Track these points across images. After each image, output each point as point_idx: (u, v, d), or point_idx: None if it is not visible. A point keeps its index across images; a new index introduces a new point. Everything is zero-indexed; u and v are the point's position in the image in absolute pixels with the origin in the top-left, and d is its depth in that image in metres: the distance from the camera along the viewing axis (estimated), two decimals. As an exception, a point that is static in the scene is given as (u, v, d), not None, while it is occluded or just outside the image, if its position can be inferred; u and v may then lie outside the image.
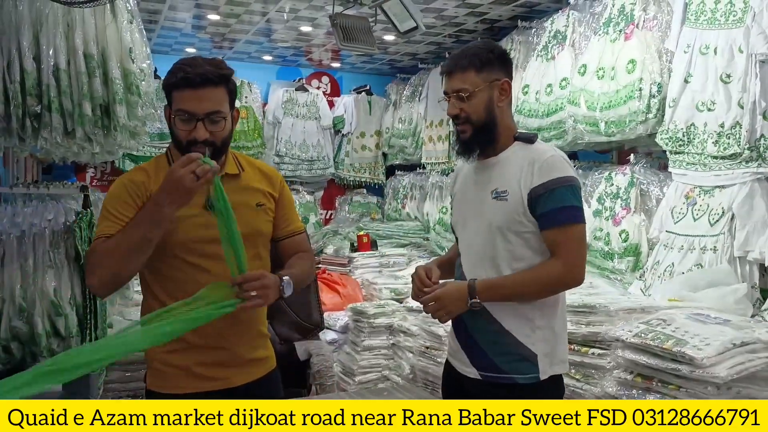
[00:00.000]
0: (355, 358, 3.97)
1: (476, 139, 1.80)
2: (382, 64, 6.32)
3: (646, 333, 2.12)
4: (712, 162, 2.93)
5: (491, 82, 1.77)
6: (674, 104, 3.07)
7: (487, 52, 1.79)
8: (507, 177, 1.76)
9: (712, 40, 2.95)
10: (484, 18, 4.62)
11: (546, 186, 1.69)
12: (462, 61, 1.79)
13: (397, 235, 5.51)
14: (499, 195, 1.76)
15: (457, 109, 1.79)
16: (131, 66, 2.69)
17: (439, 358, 3.38)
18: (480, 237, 1.80)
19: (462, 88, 1.77)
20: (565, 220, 1.69)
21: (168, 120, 1.73)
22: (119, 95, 2.63)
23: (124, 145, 2.82)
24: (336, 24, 4.08)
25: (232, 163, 1.84)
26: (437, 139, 5.44)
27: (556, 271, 1.70)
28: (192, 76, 1.63)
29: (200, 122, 1.64)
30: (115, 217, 1.68)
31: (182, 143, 1.67)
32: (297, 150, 6.19)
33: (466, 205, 1.89)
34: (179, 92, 1.64)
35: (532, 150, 1.77)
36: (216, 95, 1.66)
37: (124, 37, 2.69)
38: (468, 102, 1.77)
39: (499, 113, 1.80)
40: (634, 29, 3.35)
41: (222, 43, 5.58)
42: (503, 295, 1.73)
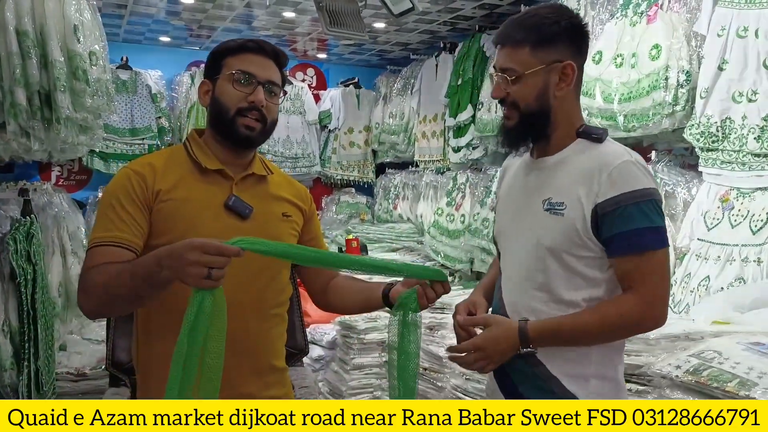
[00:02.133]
0: (344, 378, 3.58)
1: (522, 129, 1.44)
2: (371, 55, 5.94)
3: (700, 369, 1.75)
4: (752, 160, 2.57)
5: (549, 64, 1.39)
6: (706, 94, 2.71)
7: (551, 23, 1.39)
8: (565, 185, 1.39)
9: (752, 22, 2.59)
10: (484, 3, 4.25)
11: (617, 201, 1.32)
12: (516, 32, 1.41)
13: (388, 238, 5.16)
14: (553, 207, 1.39)
15: (502, 91, 1.43)
16: (77, 47, 2.26)
17: (440, 382, 3.00)
18: (527, 256, 1.43)
19: (510, 67, 1.40)
20: (643, 246, 1.33)
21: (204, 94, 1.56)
22: (62, 81, 2.20)
23: (71, 141, 2.39)
24: (322, 7, 3.70)
25: (259, 163, 1.61)
26: (431, 135, 5.07)
27: (631, 311, 1.33)
28: (261, 44, 1.56)
29: (260, 86, 1.51)
30: (116, 216, 1.42)
31: (229, 112, 1.50)
32: (280, 147, 5.80)
33: (511, 213, 1.53)
34: (242, 55, 1.53)
35: (599, 152, 1.39)
36: (277, 73, 1.58)
37: (69, 14, 2.26)
38: (516, 85, 1.40)
39: (556, 103, 1.42)
40: (658, 11, 2.98)
41: (200, 32, 5.19)
42: (562, 341, 1.38)
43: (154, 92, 5.34)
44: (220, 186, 1.53)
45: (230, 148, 1.55)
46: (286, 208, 1.63)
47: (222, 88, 1.52)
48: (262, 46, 1.55)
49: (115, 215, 1.42)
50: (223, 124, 1.52)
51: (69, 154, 2.93)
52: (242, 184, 1.56)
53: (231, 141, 1.54)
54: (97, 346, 3.27)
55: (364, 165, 6.17)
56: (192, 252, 1.15)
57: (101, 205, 1.48)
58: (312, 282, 1.75)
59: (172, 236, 1.43)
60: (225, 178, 1.55)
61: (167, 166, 1.52)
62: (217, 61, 1.56)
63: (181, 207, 1.47)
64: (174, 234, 1.43)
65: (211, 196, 1.51)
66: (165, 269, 1.21)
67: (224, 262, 1.16)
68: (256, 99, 1.50)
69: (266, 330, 1.57)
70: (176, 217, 1.46)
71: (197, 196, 1.50)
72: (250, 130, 1.51)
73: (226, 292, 1.45)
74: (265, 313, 1.56)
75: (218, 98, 1.53)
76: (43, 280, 2.33)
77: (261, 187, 1.60)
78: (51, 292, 2.87)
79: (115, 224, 1.42)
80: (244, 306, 1.50)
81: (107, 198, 1.47)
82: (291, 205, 1.65)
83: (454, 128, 4.63)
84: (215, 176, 1.54)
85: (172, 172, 1.50)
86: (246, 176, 1.57)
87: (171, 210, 1.47)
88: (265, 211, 1.57)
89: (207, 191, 1.51)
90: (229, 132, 1.51)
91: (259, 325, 1.55)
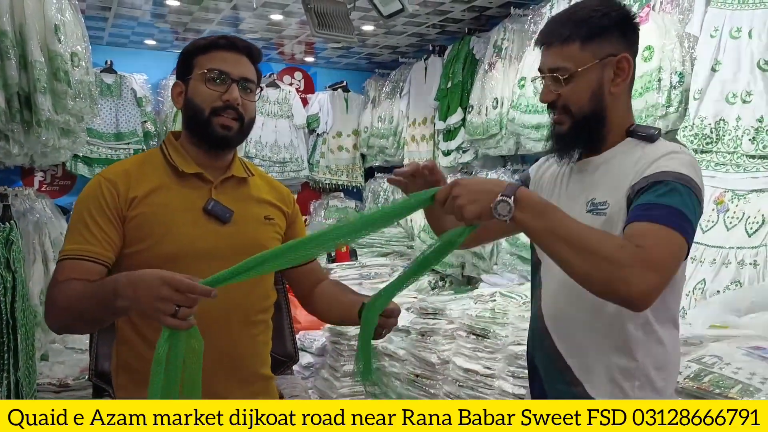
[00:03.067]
0: (334, 385, 3.52)
1: (576, 135, 1.32)
2: (359, 59, 5.89)
3: (701, 375, 1.71)
4: (747, 162, 2.54)
5: (603, 59, 1.28)
6: (700, 96, 2.68)
7: (601, 15, 1.28)
8: (610, 184, 1.29)
9: (746, 22, 2.57)
10: (473, 6, 4.21)
11: (648, 179, 1.20)
12: (563, 28, 1.30)
13: (378, 243, 5.10)
14: (596, 207, 1.29)
15: (552, 94, 1.32)
16: (58, 47, 2.19)
17: (432, 390, 2.95)
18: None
19: (560, 66, 1.29)
20: (656, 218, 1.15)
21: (177, 96, 1.49)
22: (42, 83, 2.12)
23: (52, 145, 2.32)
24: (310, 9, 3.64)
25: (239, 165, 1.56)
26: (420, 138, 5.03)
27: (626, 254, 1.10)
28: (232, 40, 1.51)
29: (234, 84, 1.46)
30: (86, 228, 1.38)
31: (204, 112, 1.43)
32: (268, 151, 5.73)
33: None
34: (212, 53, 1.48)
35: (650, 149, 1.28)
36: (251, 69, 1.53)
37: (49, 13, 2.19)
38: (568, 85, 1.29)
39: (611, 101, 1.31)
40: (650, 12, 2.96)
41: (185, 35, 5.11)
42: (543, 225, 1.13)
43: (140, 96, 5.26)
44: (199, 190, 1.48)
45: (208, 150, 1.50)
46: (268, 211, 1.58)
47: (195, 88, 1.47)
48: (233, 42, 1.51)
49: (85, 228, 1.39)
50: (198, 126, 1.47)
51: (51, 159, 2.85)
52: (222, 187, 1.51)
53: (208, 142, 1.49)
54: (81, 356, 3.18)
55: (353, 169, 6.12)
56: (163, 287, 1.10)
57: (73, 214, 1.44)
58: (298, 285, 1.71)
59: (149, 242, 1.40)
60: (204, 182, 1.50)
61: (142, 172, 1.47)
62: (188, 61, 1.51)
63: (157, 213, 1.42)
64: (151, 240, 1.40)
65: (190, 200, 1.46)
66: (123, 299, 1.17)
67: (193, 302, 1.10)
68: (230, 97, 1.45)
69: (251, 337, 1.53)
70: (153, 223, 1.41)
71: (175, 201, 1.45)
72: (227, 130, 1.46)
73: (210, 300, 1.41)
74: (249, 319, 1.52)
75: (192, 99, 1.47)
76: (24, 288, 2.26)
77: (241, 190, 1.55)
78: (32, 300, 2.79)
79: (85, 237, 1.38)
80: (228, 313, 1.46)
81: (79, 208, 1.43)
82: (273, 208, 1.60)
83: (444, 131, 4.59)
84: (193, 180, 1.49)
85: (148, 177, 1.46)
86: (225, 179, 1.52)
87: (147, 216, 1.42)
88: (245, 215, 1.52)
89: (185, 196, 1.46)
90: (205, 133, 1.46)
91: (244, 333, 1.51)
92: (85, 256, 1.36)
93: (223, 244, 1.46)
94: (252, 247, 1.48)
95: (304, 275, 1.69)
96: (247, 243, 1.48)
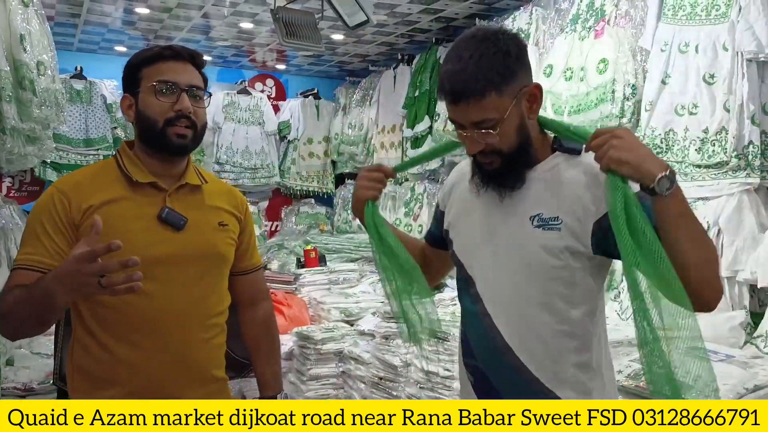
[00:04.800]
0: (301, 389, 3.56)
1: (509, 169, 1.34)
2: (330, 66, 5.96)
3: (640, 374, 1.79)
4: (694, 171, 2.66)
5: (518, 94, 1.29)
6: (651, 107, 2.80)
7: (503, 56, 1.27)
8: (557, 201, 1.31)
9: (693, 37, 2.69)
10: (440, 16, 4.31)
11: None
12: (475, 82, 1.27)
13: (347, 249, 5.14)
14: (547, 223, 1.31)
15: (480, 144, 1.31)
16: (23, 56, 2.23)
17: (395, 392, 3.01)
18: (519, 276, 1.34)
19: (485, 119, 1.28)
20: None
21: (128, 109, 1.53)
22: (7, 91, 2.16)
23: (17, 152, 2.35)
24: (278, 18, 3.71)
25: (192, 173, 1.58)
26: (389, 145, 5.11)
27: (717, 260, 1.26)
28: (176, 49, 1.53)
29: (184, 93, 1.49)
30: (38, 240, 1.41)
31: (158, 123, 1.47)
32: (239, 157, 5.78)
33: (482, 233, 1.41)
34: (158, 64, 1.50)
35: (584, 166, 1.31)
36: (197, 76, 1.55)
37: (14, 22, 2.23)
38: (496, 133, 1.29)
39: (532, 128, 1.34)
40: (605, 26, 3.08)
41: (156, 41, 5.13)
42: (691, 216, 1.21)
43: (110, 102, 5.26)
44: (153, 198, 1.51)
45: (162, 160, 1.53)
46: (222, 217, 1.61)
47: (145, 101, 1.49)
48: (177, 51, 1.52)
49: (36, 239, 1.41)
50: (153, 137, 1.49)
51: (17, 165, 2.87)
52: (176, 195, 1.54)
53: (164, 152, 1.51)
54: (47, 360, 3.18)
55: (324, 175, 6.17)
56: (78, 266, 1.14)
57: (28, 223, 1.47)
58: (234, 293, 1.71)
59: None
60: (158, 190, 1.52)
61: (96, 182, 1.49)
62: (134, 74, 1.52)
63: (111, 221, 1.42)
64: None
65: (144, 209, 1.49)
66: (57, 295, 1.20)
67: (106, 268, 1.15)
68: (182, 107, 1.47)
69: (207, 340, 1.56)
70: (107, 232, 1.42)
71: (129, 210, 1.48)
72: (182, 138, 1.49)
73: (166, 303, 1.46)
74: (205, 322, 1.55)
75: (143, 112, 1.49)
76: (-12, 294, 2.27)
77: (195, 197, 1.57)
78: (-2, 306, 2.79)
79: (36, 248, 1.40)
80: (186, 316, 1.50)
81: (33, 219, 1.45)
82: (227, 214, 1.63)
83: (411, 139, 4.67)
84: (148, 189, 1.51)
85: (102, 187, 1.48)
86: (179, 187, 1.55)
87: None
88: (199, 222, 1.54)
89: (139, 204, 1.49)
90: (161, 144, 1.49)
91: (200, 335, 1.54)
92: (36, 266, 1.39)
93: (177, 250, 1.49)
94: (206, 253, 1.54)
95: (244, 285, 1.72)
96: (202, 249, 1.52)
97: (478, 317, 1.41)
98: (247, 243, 1.70)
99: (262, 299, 1.78)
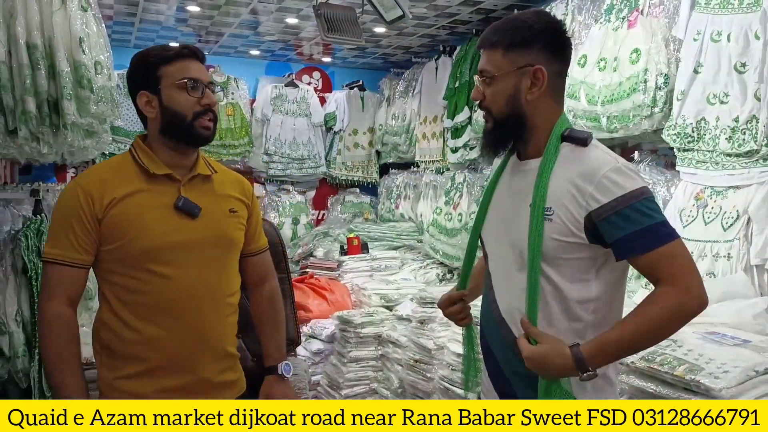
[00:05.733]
0: (342, 371, 3.73)
1: (497, 134, 1.46)
2: (374, 59, 6.07)
3: (653, 356, 1.87)
4: (725, 160, 2.67)
5: (522, 68, 1.39)
6: (682, 97, 2.81)
7: (526, 27, 1.40)
8: (552, 191, 1.37)
9: (725, 26, 2.69)
10: (479, 8, 4.37)
11: (613, 206, 1.31)
12: (493, 35, 1.43)
13: (389, 237, 5.27)
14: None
15: (479, 93, 1.46)
16: (82, 57, 2.43)
17: (429, 373, 3.14)
18: (517, 262, 1.43)
19: (485, 69, 1.43)
20: (661, 240, 1.30)
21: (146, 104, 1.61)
22: (68, 90, 2.37)
23: (77, 145, 2.56)
24: (320, 14, 3.84)
25: (203, 164, 1.70)
26: (431, 136, 5.19)
27: (672, 301, 1.27)
28: (192, 49, 1.64)
29: (206, 88, 1.62)
30: (65, 235, 1.54)
31: (187, 117, 1.59)
32: (287, 148, 5.96)
33: (499, 216, 1.53)
34: (180, 63, 1.60)
35: (584, 158, 1.38)
36: (208, 73, 1.68)
37: (74, 26, 2.43)
38: (489, 88, 1.43)
39: (529, 108, 1.42)
40: (639, 16, 3.09)
41: (207, 37, 5.34)
42: (617, 356, 1.34)
43: (164, 96, 5.48)
44: (169, 189, 1.62)
45: (181, 152, 1.64)
46: (232, 204, 1.72)
47: (172, 96, 1.59)
48: (194, 51, 1.64)
49: (63, 235, 1.55)
50: (181, 130, 1.60)
51: (79, 157, 3.10)
52: (189, 185, 1.65)
53: (190, 143, 1.63)
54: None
55: (368, 165, 6.29)
56: None
57: (54, 215, 1.60)
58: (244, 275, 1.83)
59: (125, 240, 1.55)
60: (172, 181, 1.62)
61: (117, 177, 1.60)
62: (153, 72, 1.60)
63: (131, 213, 1.55)
64: (127, 238, 1.55)
65: (161, 199, 1.60)
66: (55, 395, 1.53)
67: None
68: (210, 101, 1.61)
69: (221, 319, 1.67)
70: (128, 222, 1.55)
71: (147, 201, 1.59)
72: (207, 130, 1.62)
73: (184, 286, 1.59)
74: (219, 302, 1.66)
75: (170, 106, 1.59)
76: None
77: (207, 186, 1.68)
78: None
79: (63, 243, 1.54)
80: (202, 297, 1.62)
81: (60, 215, 1.58)
82: (236, 201, 1.74)
83: (451, 129, 4.74)
84: (163, 180, 1.62)
85: (122, 181, 1.59)
86: (192, 177, 1.65)
87: (122, 217, 1.56)
88: (213, 209, 1.65)
89: (156, 195, 1.60)
90: (189, 136, 1.60)
91: (216, 314, 1.65)
92: (67, 261, 1.54)
93: (193, 237, 1.61)
94: (220, 239, 1.66)
95: (253, 265, 1.85)
96: (216, 235, 1.64)
97: (487, 292, 1.53)
98: (255, 227, 1.82)
99: (268, 278, 1.91)
